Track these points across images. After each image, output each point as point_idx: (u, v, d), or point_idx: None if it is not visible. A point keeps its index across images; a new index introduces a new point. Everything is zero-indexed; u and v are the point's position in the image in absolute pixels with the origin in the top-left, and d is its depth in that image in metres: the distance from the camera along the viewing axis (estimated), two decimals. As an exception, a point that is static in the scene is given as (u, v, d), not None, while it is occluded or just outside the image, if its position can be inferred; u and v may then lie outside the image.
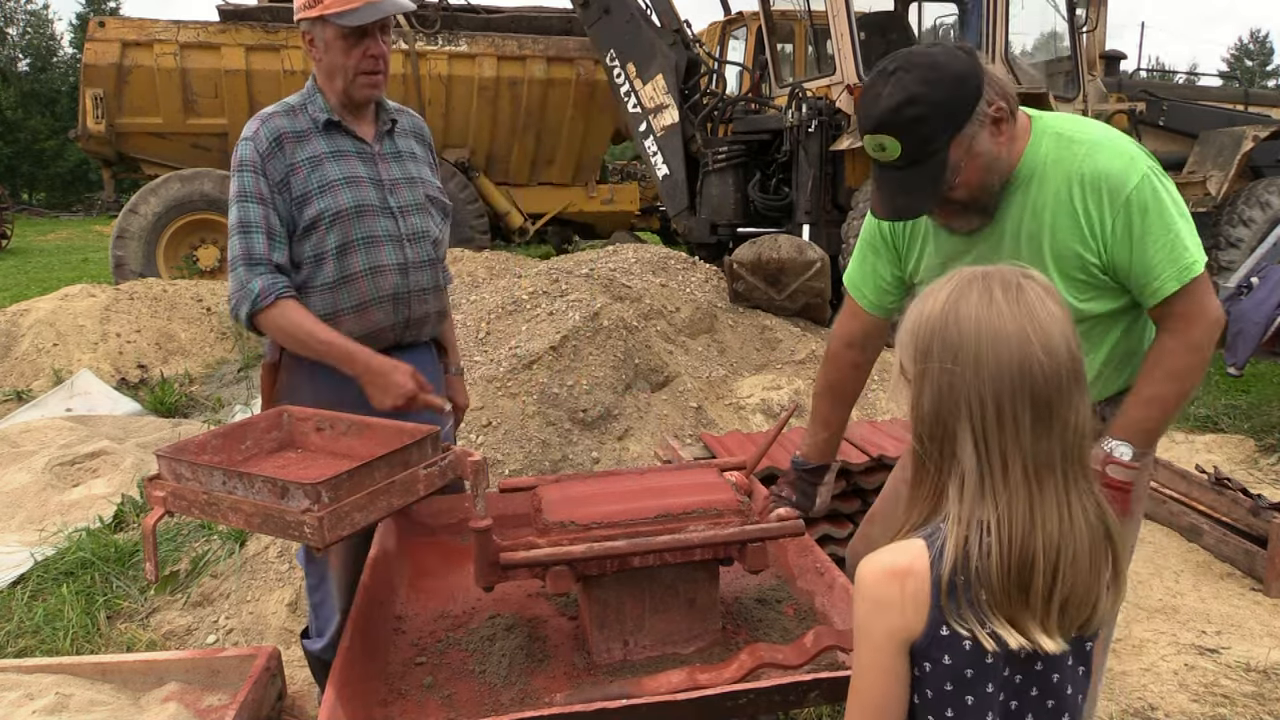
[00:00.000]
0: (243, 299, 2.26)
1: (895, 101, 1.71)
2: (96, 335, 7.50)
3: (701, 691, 1.58)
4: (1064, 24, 8.42)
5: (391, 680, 1.84)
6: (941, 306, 1.17)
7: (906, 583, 1.15)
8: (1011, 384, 1.12)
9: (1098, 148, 1.81)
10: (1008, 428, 1.12)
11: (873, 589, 1.18)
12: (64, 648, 3.37)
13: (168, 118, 10.41)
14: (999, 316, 1.13)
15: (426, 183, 2.54)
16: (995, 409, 1.12)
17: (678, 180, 8.84)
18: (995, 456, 1.13)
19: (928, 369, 1.16)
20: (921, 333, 1.18)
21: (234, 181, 2.32)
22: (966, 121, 1.73)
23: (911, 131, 1.72)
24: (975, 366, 1.13)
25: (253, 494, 1.71)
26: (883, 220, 1.97)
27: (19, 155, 36.38)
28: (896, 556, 1.18)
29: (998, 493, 1.13)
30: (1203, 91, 10.63)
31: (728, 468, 2.32)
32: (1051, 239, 1.83)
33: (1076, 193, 1.79)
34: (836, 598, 1.96)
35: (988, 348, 1.12)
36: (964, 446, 1.14)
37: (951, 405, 1.14)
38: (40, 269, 16.94)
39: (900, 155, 1.74)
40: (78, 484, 4.98)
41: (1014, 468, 1.13)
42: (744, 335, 5.84)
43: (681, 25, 9.21)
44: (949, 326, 1.15)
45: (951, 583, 1.13)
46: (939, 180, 1.76)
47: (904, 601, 1.15)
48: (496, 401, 4.31)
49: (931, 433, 1.18)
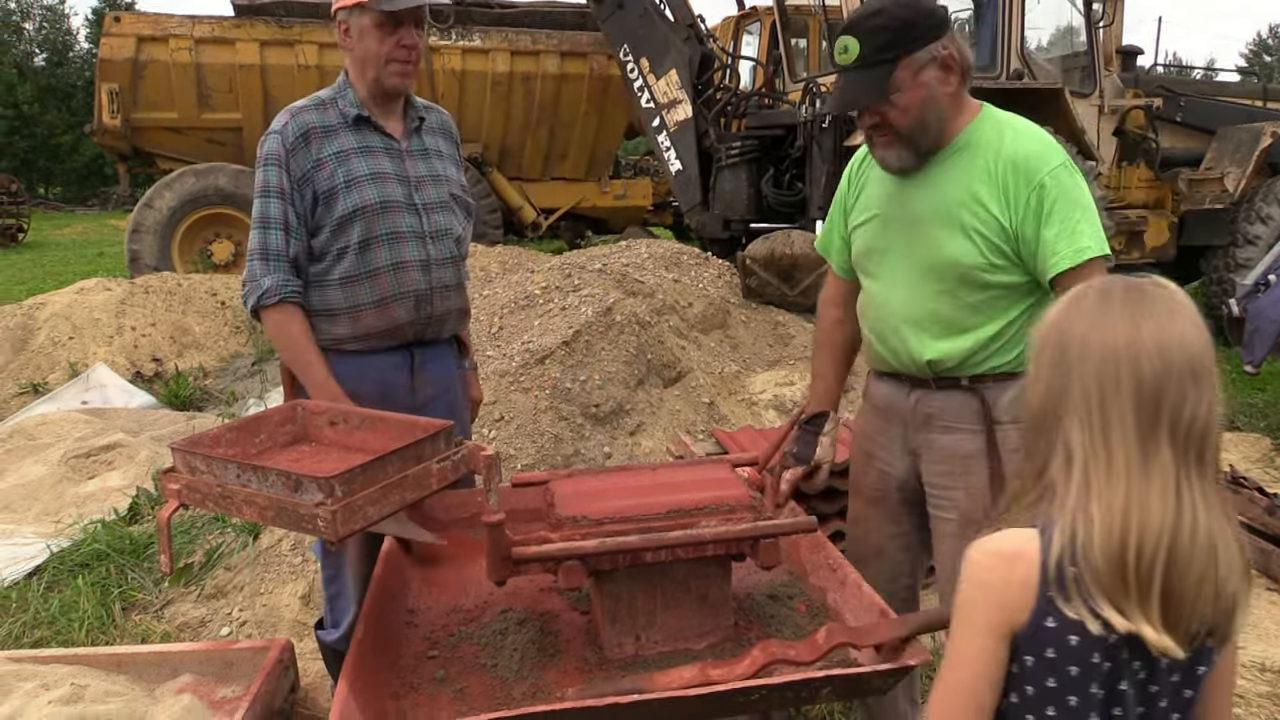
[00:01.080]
0: (252, 291, 2.35)
1: (868, 11, 1.99)
2: (112, 329, 7.55)
3: (713, 687, 1.57)
4: (1080, 19, 8.35)
5: (404, 673, 1.84)
6: (1058, 310, 1.24)
7: (1016, 567, 1.17)
8: (1118, 380, 1.15)
9: (1027, 135, 2.03)
10: (1114, 422, 1.15)
11: (982, 572, 1.19)
12: (79, 639, 3.40)
13: (183, 112, 10.46)
14: (1109, 315, 1.18)
15: (452, 180, 2.56)
16: (1100, 403, 1.15)
17: (691, 175, 8.82)
18: (1101, 449, 1.15)
19: (1040, 366, 1.22)
20: (1037, 334, 1.25)
21: (259, 174, 2.37)
22: (920, 48, 1.95)
23: (871, 36, 1.96)
24: (1082, 362, 1.17)
25: (266, 487, 1.72)
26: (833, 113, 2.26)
27: (35, 150, 36.59)
28: (1008, 542, 1.20)
29: (1103, 484, 1.15)
30: (1220, 87, 10.54)
31: (740, 463, 2.32)
32: (972, 200, 2.01)
33: (1001, 167, 1.99)
34: (849, 594, 1.95)
35: (1095, 345, 1.17)
36: (1073, 438, 1.17)
37: (1061, 399, 1.19)
38: (56, 263, 17.05)
39: (857, 56, 1.97)
40: (93, 476, 5.02)
41: (1117, 460, 1.15)
42: (757, 331, 5.83)
43: (695, 20, 9.19)
44: (1062, 326, 1.21)
45: (1059, 569, 1.14)
46: (883, 85, 1.96)
47: (1011, 586, 1.17)
48: (509, 396, 4.32)
49: (1040, 425, 1.22)
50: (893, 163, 2.07)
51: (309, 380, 2.35)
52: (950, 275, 2.03)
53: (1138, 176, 8.74)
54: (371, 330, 2.40)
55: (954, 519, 2.11)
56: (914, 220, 2.07)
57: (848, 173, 2.31)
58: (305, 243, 2.37)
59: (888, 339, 2.15)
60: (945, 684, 1.23)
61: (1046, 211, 1.94)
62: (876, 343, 2.19)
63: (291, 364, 2.39)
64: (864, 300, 2.24)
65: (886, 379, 2.23)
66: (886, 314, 2.14)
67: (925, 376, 2.11)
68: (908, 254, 2.09)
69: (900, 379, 2.17)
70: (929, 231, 2.04)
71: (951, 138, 2.05)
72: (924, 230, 2.05)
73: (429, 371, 2.51)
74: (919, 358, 2.08)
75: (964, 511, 2.10)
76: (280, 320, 2.35)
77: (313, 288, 2.39)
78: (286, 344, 2.38)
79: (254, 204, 2.37)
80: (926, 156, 2.05)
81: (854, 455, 2.38)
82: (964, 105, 2.06)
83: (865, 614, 1.84)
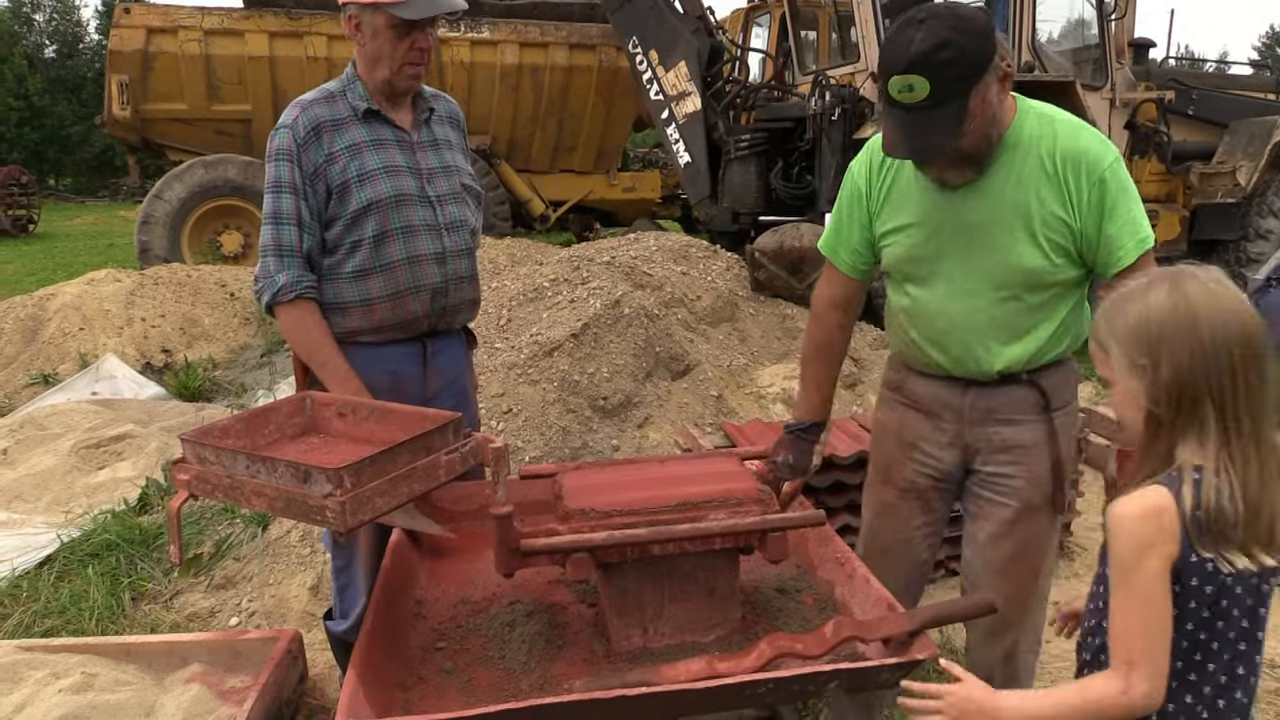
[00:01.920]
0: (267, 287, 2.33)
1: (930, 45, 1.81)
2: (122, 320, 7.57)
3: (721, 680, 1.57)
4: (1092, 11, 8.30)
5: (411, 664, 1.85)
6: (1167, 298, 1.41)
7: (1164, 518, 1.39)
8: (1243, 353, 1.38)
9: (1079, 128, 2.00)
10: (1240, 390, 1.39)
11: (1138, 526, 1.40)
12: (89, 628, 3.42)
13: (192, 104, 10.47)
14: (1219, 299, 1.40)
15: (462, 170, 2.56)
16: (1229, 375, 1.38)
17: (699, 168, 8.80)
18: (1230, 415, 1.39)
19: (1164, 353, 1.40)
20: (1150, 326, 1.42)
21: (270, 169, 2.35)
22: (987, 70, 1.85)
23: (942, 73, 1.81)
24: (1213, 343, 1.38)
25: (275, 478, 1.72)
26: (902, 159, 2.06)
27: (45, 141, 36.63)
28: (1150, 499, 1.41)
29: (1233, 444, 1.39)
30: (1233, 80, 10.51)
31: (748, 457, 2.32)
32: (1038, 204, 1.97)
33: (1059, 164, 1.95)
34: (856, 588, 1.95)
35: (1220, 326, 1.38)
36: (1204, 409, 1.39)
37: (1193, 377, 1.39)
38: (66, 254, 17.10)
39: (928, 95, 1.83)
40: (103, 467, 5.04)
41: (1245, 422, 1.39)
42: (765, 324, 5.82)
43: (704, 12, 9.15)
44: (1181, 314, 1.40)
45: (1195, 517, 1.38)
46: (959, 123, 1.85)
47: (1164, 532, 1.39)
48: (517, 389, 4.32)
49: (1173, 401, 1.41)
50: (956, 180, 2.00)
51: (329, 376, 2.33)
52: (1016, 281, 2.00)
53: (1149, 170, 8.69)
54: (385, 323, 2.40)
55: (1014, 505, 2.12)
56: (970, 227, 2.01)
57: (864, 172, 2.21)
58: (319, 237, 2.36)
59: (948, 348, 2.10)
60: (1145, 623, 1.41)
61: (1110, 207, 1.94)
62: (931, 350, 2.13)
63: (309, 360, 2.37)
64: (907, 307, 2.16)
65: (933, 379, 2.18)
66: (944, 323, 2.09)
67: (988, 379, 2.09)
68: (964, 262, 2.03)
69: (954, 379, 2.14)
70: (990, 238, 1.99)
71: (1000, 137, 1.98)
72: (984, 237, 2.00)
73: (440, 362, 2.51)
74: (989, 368, 2.07)
75: (1025, 498, 2.12)
76: (297, 316, 2.34)
77: (324, 281, 2.38)
78: (303, 340, 2.36)
79: (265, 199, 2.35)
80: (986, 168, 1.99)
81: (885, 448, 2.33)
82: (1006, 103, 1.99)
83: (873, 608, 1.84)
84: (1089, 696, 1.43)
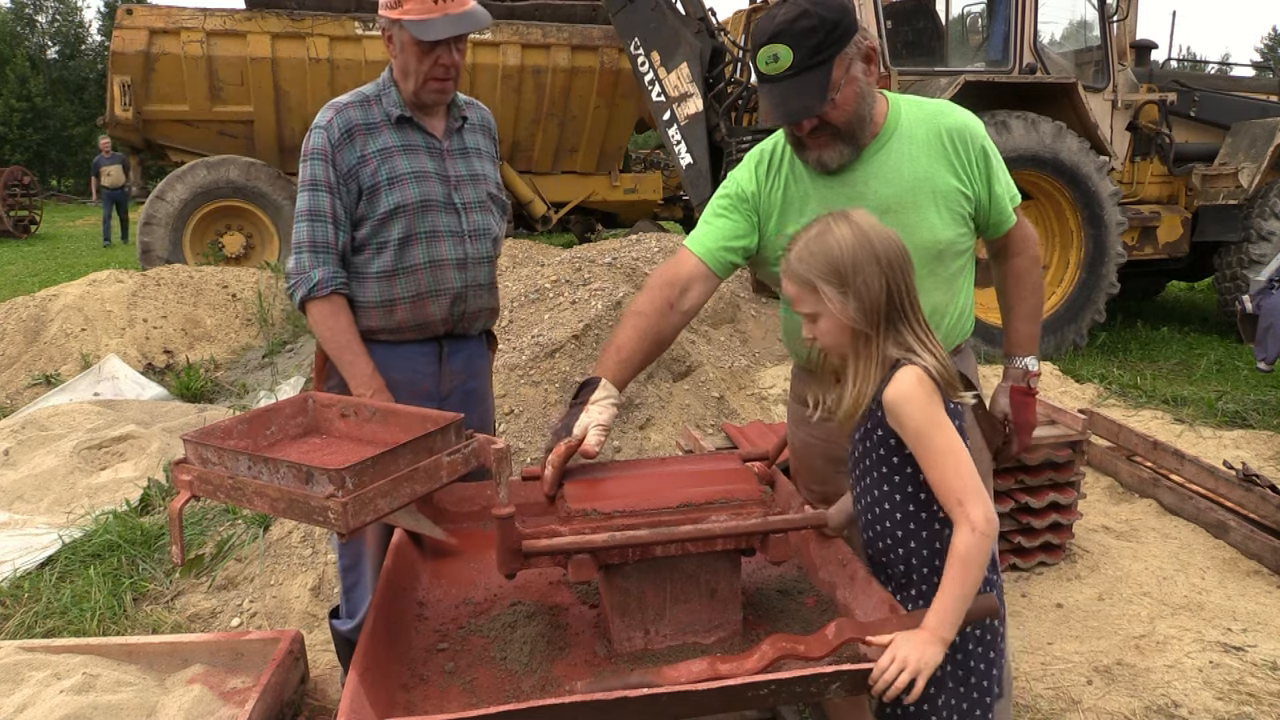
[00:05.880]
0: (302, 283, 2.38)
1: (791, 15, 1.96)
2: (124, 320, 7.58)
3: (723, 681, 1.57)
4: (1094, 13, 8.30)
5: (413, 665, 1.85)
6: (850, 235, 1.71)
7: (927, 381, 1.67)
8: (904, 264, 1.73)
9: (949, 106, 2.18)
10: (909, 294, 1.74)
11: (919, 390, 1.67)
12: (91, 629, 3.42)
13: (194, 105, 10.49)
14: (878, 227, 1.74)
15: (489, 179, 2.60)
16: (905, 285, 1.73)
17: (701, 169, 8.80)
18: (910, 314, 1.74)
19: (859, 277, 1.69)
20: (845, 260, 1.70)
21: (305, 168, 2.40)
22: (848, 43, 1.98)
23: (804, 40, 1.95)
24: (889, 263, 1.71)
25: (277, 479, 1.72)
26: (778, 124, 2.11)
27: (48, 142, 36.72)
28: (909, 373, 1.68)
29: (917, 330, 1.74)
30: (1235, 82, 10.50)
31: (750, 458, 2.32)
32: (936, 179, 2.10)
33: (945, 139, 2.11)
34: (858, 590, 1.95)
35: (889, 249, 1.71)
36: (894, 314, 1.72)
37: (883, 292, 1.70)
38: (68, 254, 17.14)
39: (791, 63, 1.96)
40: (105, 467, 5.05)
41: (916, 314, 1.75)
42: (766, 325, 5.82)
43: (706, 13, 9.16)
44: (863, 245, 1.70)
45: (935, 375, 1.69)
46: (824, 87, 1.97)
47: (935, 389, 1.68)
48: (519, 389, 4.32)
49: (873, 315, 1.71)
50: (833, 161, 2.07)
51: (353, 373, 2.37)
52: (929, 255, 2.06)
53: (1151, 172, 8.69)
54: (405, 324, 2.45)
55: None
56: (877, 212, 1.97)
57: (751, 172, 2.19)
58: (350, 236, 2.41)
59: None
60: (962, 461, 1.64)
61: (993, 171, 2.15)
62: None
63: (336, 357, 2.41)
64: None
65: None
66: None
67: None
68: None
69: None
70: (897, 218, 2.02)
71: (879, 125, 2.10)
72: (891, 219, 1.98)
73: (456, 363, 2.55)
74: None
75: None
76: (330, 312, 2.39)
77: (350, 279, 2.44)
78: (333, 336, 2.40)
79: (300, 197, 2.40)
80: (862, 149, 2.09)
81: (814, 465, 2.29)
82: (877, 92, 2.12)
83: (875, 609, 1.84)
84: (959, 556, 1.59)
